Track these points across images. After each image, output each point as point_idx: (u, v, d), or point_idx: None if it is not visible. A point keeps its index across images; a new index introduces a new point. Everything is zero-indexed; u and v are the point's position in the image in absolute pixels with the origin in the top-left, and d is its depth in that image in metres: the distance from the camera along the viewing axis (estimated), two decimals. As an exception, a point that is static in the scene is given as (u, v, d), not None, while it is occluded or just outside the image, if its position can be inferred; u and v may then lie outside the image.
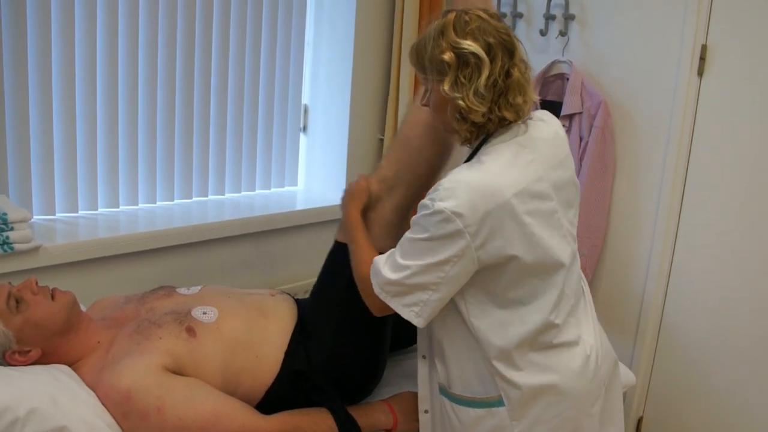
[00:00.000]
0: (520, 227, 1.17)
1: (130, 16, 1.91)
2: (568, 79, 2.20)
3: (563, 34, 2.24)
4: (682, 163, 2.02)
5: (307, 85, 2.49)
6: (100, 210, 1.99)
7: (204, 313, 1.46)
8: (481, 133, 1.24)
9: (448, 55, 1.17)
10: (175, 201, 2.17)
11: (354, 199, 1.47)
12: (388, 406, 1.51)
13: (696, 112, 1.99)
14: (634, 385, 1.96)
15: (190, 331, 1.40)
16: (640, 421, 2.22)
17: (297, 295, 1.72)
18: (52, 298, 1.35)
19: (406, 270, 1.19)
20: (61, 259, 1.72)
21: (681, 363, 2.10)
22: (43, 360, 1.33)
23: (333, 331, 1.52)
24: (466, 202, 1.13)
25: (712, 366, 2.03)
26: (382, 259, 1.25)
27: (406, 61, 2.35)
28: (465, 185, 1.15)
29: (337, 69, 2.41)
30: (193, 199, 2.21)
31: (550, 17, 2.27)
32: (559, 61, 2.26)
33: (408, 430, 1.49)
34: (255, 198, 2.36)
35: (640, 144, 2.11)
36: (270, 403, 1.43)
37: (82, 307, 1.48)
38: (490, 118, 1.20)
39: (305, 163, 2.56)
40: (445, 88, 1.18)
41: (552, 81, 2.29)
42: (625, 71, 2.12)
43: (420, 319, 1.21)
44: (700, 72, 1.96)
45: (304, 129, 2.54)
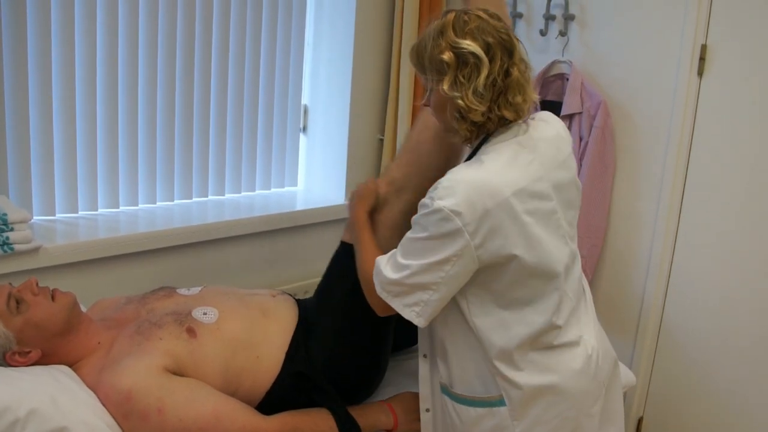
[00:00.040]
0: (519, 226, 1.17)
1: (130, 16, 1.91)
2: (567, 79, 2.20)
3: (563, 34, 2.24)
4: (682, 163, 2.02)
5: (307, 85, 2.49)
6: (100, 210, 1.99)
7: (204, 313, 1.46)
8: (481, 133, 1.25)
9: (447, 55, 1.17)
10: (175, 201, 2.17)
11: (362, 201, 1.47)
12: (389, 407, 1.51)
13: (696, 112, 1.99)
14: (634, 385, 1.96)
15: (191, 331, 1.40)
16: (640, 421, 2.22)
17: (297, 296, 1.72)
18: (53, 298, 1.35)
19: (406, 270, 1.19)
20: (61, 259, 1.71)
21: (681, 363, 2.10)
22: (43, 361, 1.33)
23: (336, 331, 1.52)
24: (464, 200, 1.13)
25: (712, 366, 2.03)
26: (384, 258, 1.25)
27: (406, 61, 2.35)
28: (464, 184, 1.15)
29: (337, 69, 2.41)
30: (193, 199, 2.21)
31: (549, 17, 2.27)
32: (558, 61, 2.26)
33: (408, 431, 1.49)
34: (255, 198, 2.36)
35: (640, 144, 2.11)
36: (270, 403, 1.43)
37: (83, 308, 1.48)
38: (490, 117, 1.20)
39: (305, 164, 2.56)
40: (445, 87, 1.18)
41: (552, 81, 2.29)
42: (625, 71, 2.12)
43: (421, 319, 1.22)
44: (700, 72, 1.96)
45: (304, 129, 2.54)
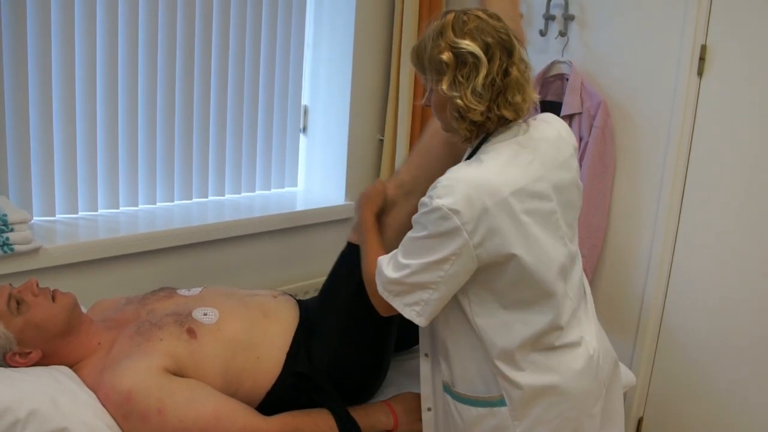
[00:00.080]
0: (517, 226, 1.17)
1: (130, 16, 1.91)
2: (567, 79, 2.20)
3: (563, 34, 2.24)
4: (682, 163, 2.02)
5: (307, 85, 2.49)
6: (100, 211, 1.99)
7: (205, 314, 1.46)
8: (480, 132, 1.25)
9: (446, 55, 1.17)
10: (175, 202, 2.17)
11: (369, 202, 1.47)
12: (389, 407, 1.51)
13: (696, 112, 1.99)
14: (634, 386, 1.96)
15: (191, 332, 1.39)
16: (640, 421, 2.22)
17: (297, 296, 1.72)
18: (53, 299, 1.35)
19: (406, 269, 1.19)
20: (61, 260, 1.71)
21: (681, 363, 2.10)
22: (43, 361, 1.33)
23: (341, 331, 1.52)
24: (463, 199, 1.13)
25: (712, 366, 2.03)
26: (385, 258, 1.26)
27: (406, 61, 2.35)
28: (463, 183, 1.15)
29: (337, 69, 2.41)
30: (193, 200, 2.21)
31: (549, 17, 2.27)
32: (558, 62, 2.26)
33: (409, 431, 1.49)
34: (255, 199, 2.36)
35: (640, 144, 2.11)
36: (271, 404, 1.43)
37: (83, 309, 1.48)
38: (489, 117, 1.20)
39: (305, 164, 2.56)
40: (444, 87, 1.19)
41: (552, 81, 2.29)
42: (625, 71, 2.12)
43: (421, 318, 1.22)
44: (700, 72, 1.96)
45: (304, 129, 2.54)
